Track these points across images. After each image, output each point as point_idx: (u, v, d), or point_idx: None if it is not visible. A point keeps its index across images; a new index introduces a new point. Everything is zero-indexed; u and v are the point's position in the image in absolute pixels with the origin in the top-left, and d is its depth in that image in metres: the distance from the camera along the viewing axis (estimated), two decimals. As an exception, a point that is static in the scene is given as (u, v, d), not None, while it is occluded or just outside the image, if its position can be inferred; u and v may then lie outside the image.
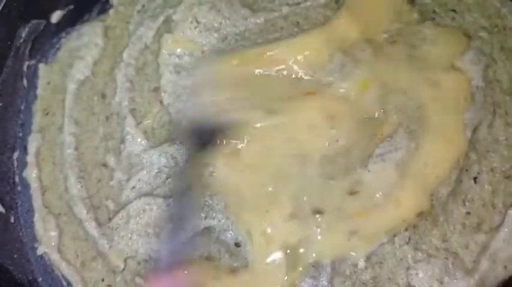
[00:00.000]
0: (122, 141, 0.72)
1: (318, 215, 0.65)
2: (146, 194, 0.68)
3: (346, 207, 0.65)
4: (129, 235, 0.68)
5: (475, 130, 0.68)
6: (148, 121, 0.72)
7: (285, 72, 0.69)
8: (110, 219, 0.69)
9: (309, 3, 0.74)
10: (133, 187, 0.70)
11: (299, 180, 0.66)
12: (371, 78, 0.69)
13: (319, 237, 0.64)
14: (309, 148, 0.66)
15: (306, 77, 0.69)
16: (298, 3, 0.74)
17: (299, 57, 0.69)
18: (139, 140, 0.71)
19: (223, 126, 0.66)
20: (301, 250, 0.64)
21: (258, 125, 0.66)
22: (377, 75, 0.69)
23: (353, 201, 0.65)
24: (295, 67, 0.69)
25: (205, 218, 0.66)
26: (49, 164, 0.74)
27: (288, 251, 0.63)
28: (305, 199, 0.65)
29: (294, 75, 0.69)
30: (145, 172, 0.70)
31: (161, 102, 0.72)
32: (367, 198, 0.65)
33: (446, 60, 0.70)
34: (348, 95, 0.68)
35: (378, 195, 0.65)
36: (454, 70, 0.70)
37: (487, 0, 0.74)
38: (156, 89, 0.73)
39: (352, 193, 0.65)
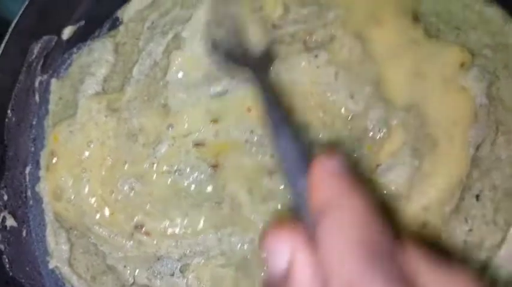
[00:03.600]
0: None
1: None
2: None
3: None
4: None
5: (477, 148, 0.69)
6: (157, 137, 0.74)
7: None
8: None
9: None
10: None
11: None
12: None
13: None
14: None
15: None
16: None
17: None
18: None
19: None
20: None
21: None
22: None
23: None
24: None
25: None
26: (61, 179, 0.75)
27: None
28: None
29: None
30: (154, 187, 0.71)
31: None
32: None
33: (450, 78, 0.71)
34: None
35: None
36: (458, 88, 0.71)
37: (491, 18, 0.74)
38: (165, 106, 0.74)
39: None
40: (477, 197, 0.68)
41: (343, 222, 0.39)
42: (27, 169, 0.77)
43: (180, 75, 0.75)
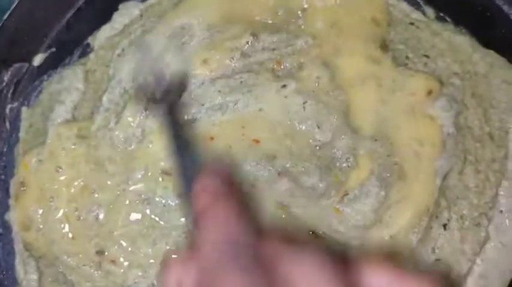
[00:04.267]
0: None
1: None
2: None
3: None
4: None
5: (445, 177, 0.69)
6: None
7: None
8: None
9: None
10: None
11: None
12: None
13: None
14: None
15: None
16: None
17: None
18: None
19: None
20: None
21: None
22: (349, 121, 0.70)
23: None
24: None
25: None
26: (30, 207, 0.75)
27: None
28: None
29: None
30: (122, 217, 0.71)
31: (139, 147, 0.74)
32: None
33: (418, 107, 0.71)
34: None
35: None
36: (425, 116, 0.71)
37: (460, 46, 0.74)
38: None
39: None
40: (445, 226, 0.68)
41: (210, 224, 0.43)
42: (-3, 197, 0.77)
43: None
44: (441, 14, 0.76)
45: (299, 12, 0.76)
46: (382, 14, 0.75)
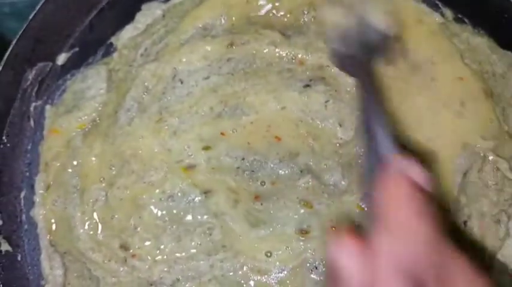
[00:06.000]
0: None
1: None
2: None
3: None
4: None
5: (465, 175, 0.71)
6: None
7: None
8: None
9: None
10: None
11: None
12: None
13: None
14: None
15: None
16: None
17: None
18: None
19: None
20: None
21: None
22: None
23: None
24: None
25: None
26: (56, 204, 0.76)
27: None
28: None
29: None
30: (147, 213, 0.73)
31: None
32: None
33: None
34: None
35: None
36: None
37: (478, 47, 0.76)
38: (158, 132, 0.75)
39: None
40: (465, 223, 0.69)
41: (394, 245, 0.42)
42: (22, 194, 0.78)
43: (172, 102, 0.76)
44: (459, 16, 0.77)
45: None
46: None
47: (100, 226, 0.74)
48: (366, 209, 0.52)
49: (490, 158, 0.70)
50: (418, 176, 0.48)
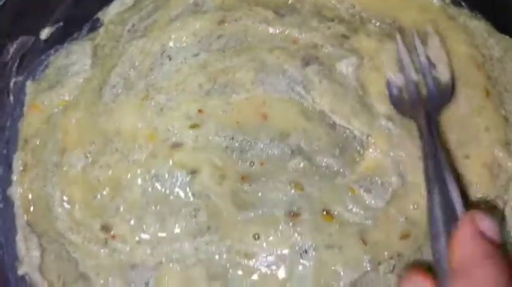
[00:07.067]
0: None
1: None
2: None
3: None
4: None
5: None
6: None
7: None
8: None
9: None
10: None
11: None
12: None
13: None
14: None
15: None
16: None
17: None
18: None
19: None
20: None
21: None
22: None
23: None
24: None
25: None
26: (34, 183, 0.73)
27: None
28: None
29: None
30: (130, 193, 0.70)
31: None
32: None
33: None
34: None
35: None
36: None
37: (475, 31, 0.74)
38: (143, 109, 0.72)
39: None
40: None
41: None
42: (-1, 172, 0.74)
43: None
44: (457, -1, 0.76)
45: None
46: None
47: (80, 206, 0.70)
48: (434, 259, 0.54)
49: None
50: (489, 229, 0.50)
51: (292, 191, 0.67)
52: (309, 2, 0.77)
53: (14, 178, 0.74)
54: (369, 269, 0.63)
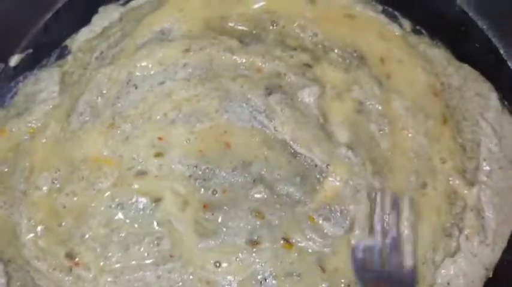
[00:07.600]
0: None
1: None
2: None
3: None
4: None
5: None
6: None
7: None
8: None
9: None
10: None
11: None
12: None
13: None
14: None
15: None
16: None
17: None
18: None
19: None
20: None
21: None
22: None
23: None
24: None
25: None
26: (1, 210, 0.74)
27: None
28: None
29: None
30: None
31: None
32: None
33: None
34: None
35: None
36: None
37: (435, 58, 0.76)
38: (108, 138, 0.73)
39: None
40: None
41: None
42: (-32, 199, 0.75)
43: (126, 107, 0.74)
44: (417, 27, 0.77)
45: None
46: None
47: (46, 234, 0.71)
48: None
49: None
50: None
51: (253, 219, 0.68)
52: (273, 31, 0.77)
53: (-18, 204, 0.74)
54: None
